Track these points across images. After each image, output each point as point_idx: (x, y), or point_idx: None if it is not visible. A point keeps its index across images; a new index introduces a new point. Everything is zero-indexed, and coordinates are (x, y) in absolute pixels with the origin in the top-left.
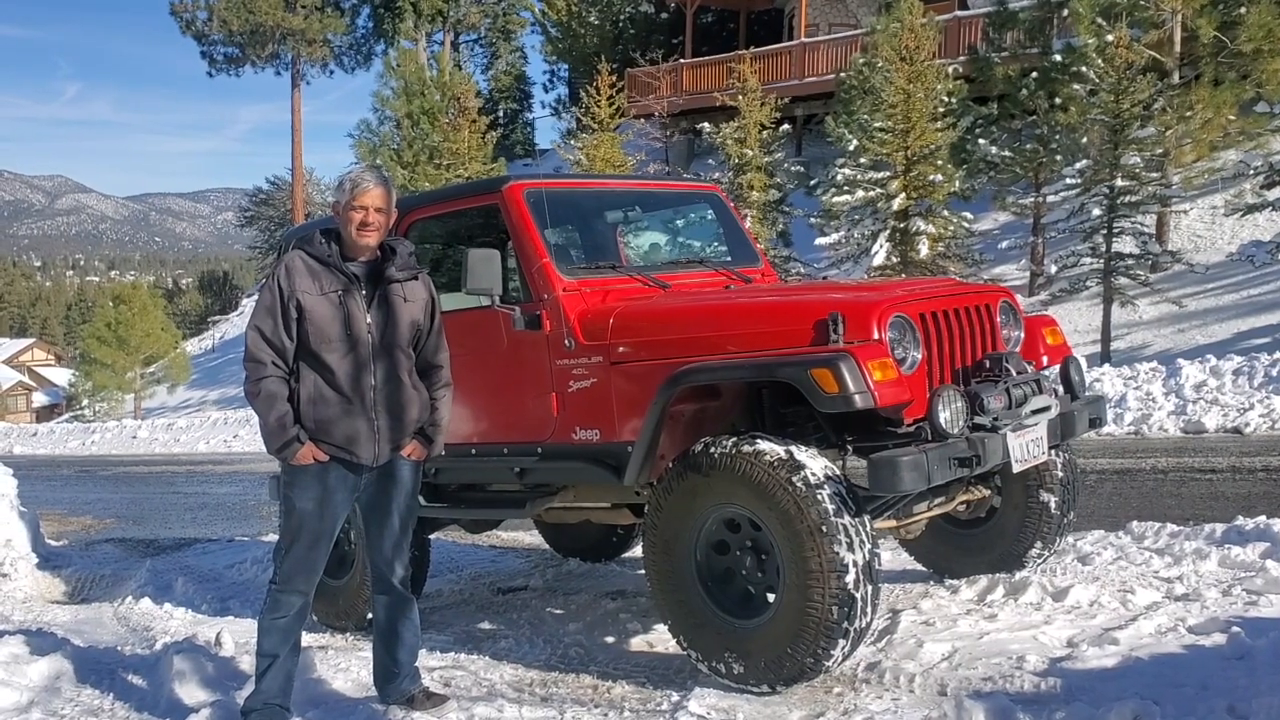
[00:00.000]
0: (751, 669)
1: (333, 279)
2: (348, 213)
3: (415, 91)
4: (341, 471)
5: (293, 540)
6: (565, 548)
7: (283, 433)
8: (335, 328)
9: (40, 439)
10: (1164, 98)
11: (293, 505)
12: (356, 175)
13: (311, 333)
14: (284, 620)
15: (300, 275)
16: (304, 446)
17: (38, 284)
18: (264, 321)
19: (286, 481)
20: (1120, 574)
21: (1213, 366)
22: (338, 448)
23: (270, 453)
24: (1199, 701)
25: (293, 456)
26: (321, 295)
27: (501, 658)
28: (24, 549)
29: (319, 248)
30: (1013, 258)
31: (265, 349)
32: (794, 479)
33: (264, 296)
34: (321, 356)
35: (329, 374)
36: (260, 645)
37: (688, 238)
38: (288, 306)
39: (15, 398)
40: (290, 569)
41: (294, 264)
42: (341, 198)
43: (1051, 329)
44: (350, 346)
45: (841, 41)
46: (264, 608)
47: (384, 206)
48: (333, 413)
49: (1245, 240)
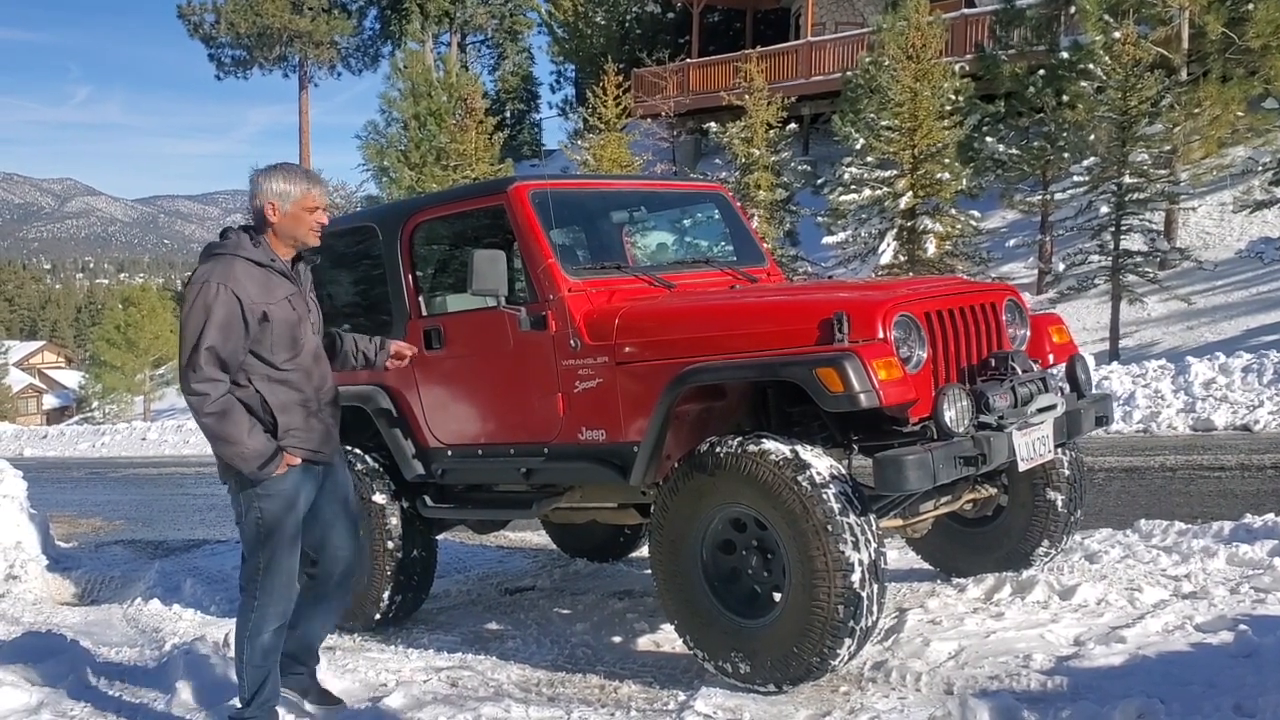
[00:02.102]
0: (758, 668)
1: (280, 283)
2: (300, 212)
3: (422, 93)
4: (309, 473)
5: (276, 551)
6: (572, 548)
7: (266, 448)
8: (300, 331)
9: (50, 441)
10: (1172, 94)
11: (270, 518)
12: (303, 174)
13: (277, 342)
14: (274, 634)
15: (253, 284)
16: (284, 455)
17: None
18: (214, 338)
19: (260, 494)
20: (1128, 572)
21: (1222, 364)
22: (310, 450)
23: (250, 472)
24: (1205, 700)
25: (275, 469)
26: (278, 302)
27: (509, 658)
28: (34, 551)
29: (257, 252)
30: (1020, 256)
31: (218, 369)
32: (799, 478)
33: (216, 312)
34: (279, 365)
35: (293, 381)
36: (252, 659)
37: (694, 238)
38: (248, 320)
39: (26, 400)
40: (274, 583)
41: (240, 274)
42: (293, 194)
43: (1057, 327)
44: (303, 348)
45: (848, 40)
46: (248, 623)
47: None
48: (298, 418)
49: (1254, 237)
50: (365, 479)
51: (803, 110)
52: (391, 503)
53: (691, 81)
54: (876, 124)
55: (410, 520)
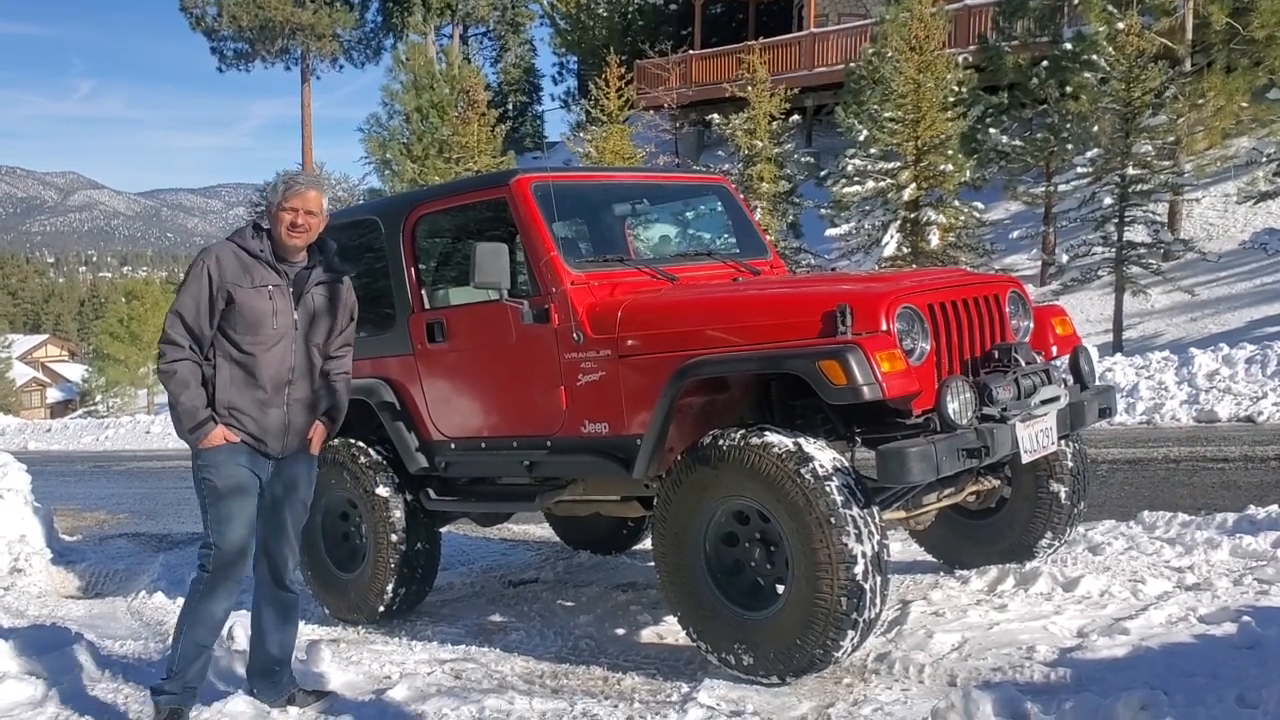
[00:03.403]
0: (761, 660)
1: (265, 274)
2: (278, 213)
3: (424, 85)
4: (253, 454)
5: (221, 524)
6: (575, 540)
7: (195, 414)
8: (264, 322)
9: (54, 435)
10: (1176, 85)
11: (216, 488)
12: (290, 177)
13: (239, 324)
14: (222, 610)
15: (232, 267)
16: (216, 428)
17: (51, 280)
18: (187, 308)
19: (203, 466)
20: (1131, 564)
21: (1225, 355)
22: (248, 434)
23: (181, 434)
24: (1209, 691)
25: (204, 438)
26: (253, 289)
27: (513, 650)
28: (38, 544)
29: (250, 242)
30: (1024, 247)
31: (183, 334)
32: (802, 471)
33: (190, 284)
34: (246, 348)
35: (250, 366)
36: (193, 633)
37: (696, 230)
38: (215, 297)
39: (29, 394)
40: (223, 553)
41: (225, 255)
42: (273, 198)
43: (1060, 319)
44: (274, 341)
45: (851, 31)
46: (196, 595)
47: (315, 210)
48: (247, 403)
49: (1258, 228)
50: (369, 472)
51: (806, 102)
52: (395, 496)
53: (694, 73)
54: (880, 115)
55: (414, 513)
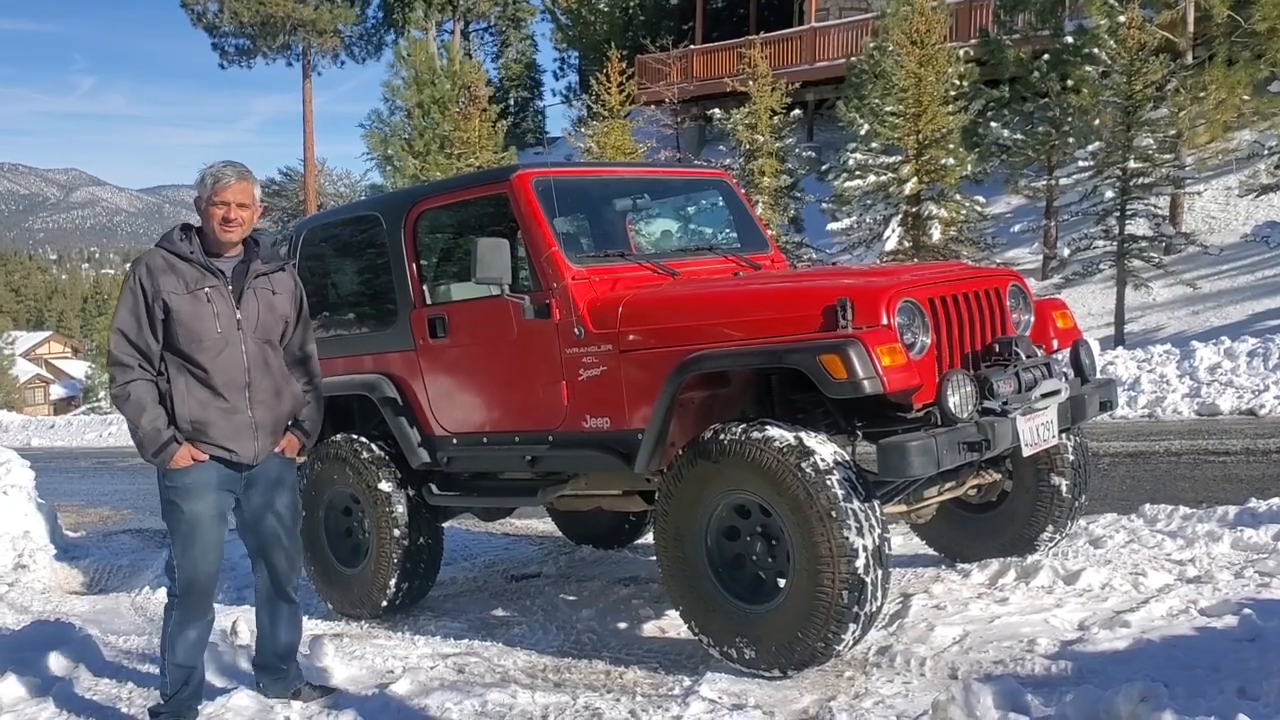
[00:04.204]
0: (763, 654)
1: (198, 276)
2: (209, 209)
3: (426, 81)
4: (223, 470)
5: (187, 546)
6: (577, 535)
7: (158, 436)
8: (205, 325)
9: (57, 431)
10: (1177, 78)
11: (181, 511)
12: (216, 170)
13: (181, 333)
14: (196, 631)
15: (163, 274)
16: (181, 448)
17: (54, 277)
18: (127, 324)
19: (170, 487)
20: (1132, 557)
21: (1227, 348)
22: (217, 447)
23: (146, 459)
24: (1209, 683)
25: (170, 459)
26: (188, 294)
27: (515, 644)
28: (42, 540)
29: (180, 245)
30: (1025, 241)
31: (130, 352)
32: (803, 465)
33: (125, 298)
34: (193, 356)
35: (202, 373)
36: (174, 657)
37: (697, 225)
38: (152, 307)
39: (33, 390)
40: (191, 577)
41: (155, 263)
42: (202, 193)
43: (1061, 312)
44: (222, 344)
45: (852, 26)
46: (170, 621)
47: (247, 201)
48: (209, 413)
49: (1260, 221)
50: (371, 467)
51: (807, 96)
52: (397, 491)
53: (695, 68)
54: (881, 110)
55: (416, 508)
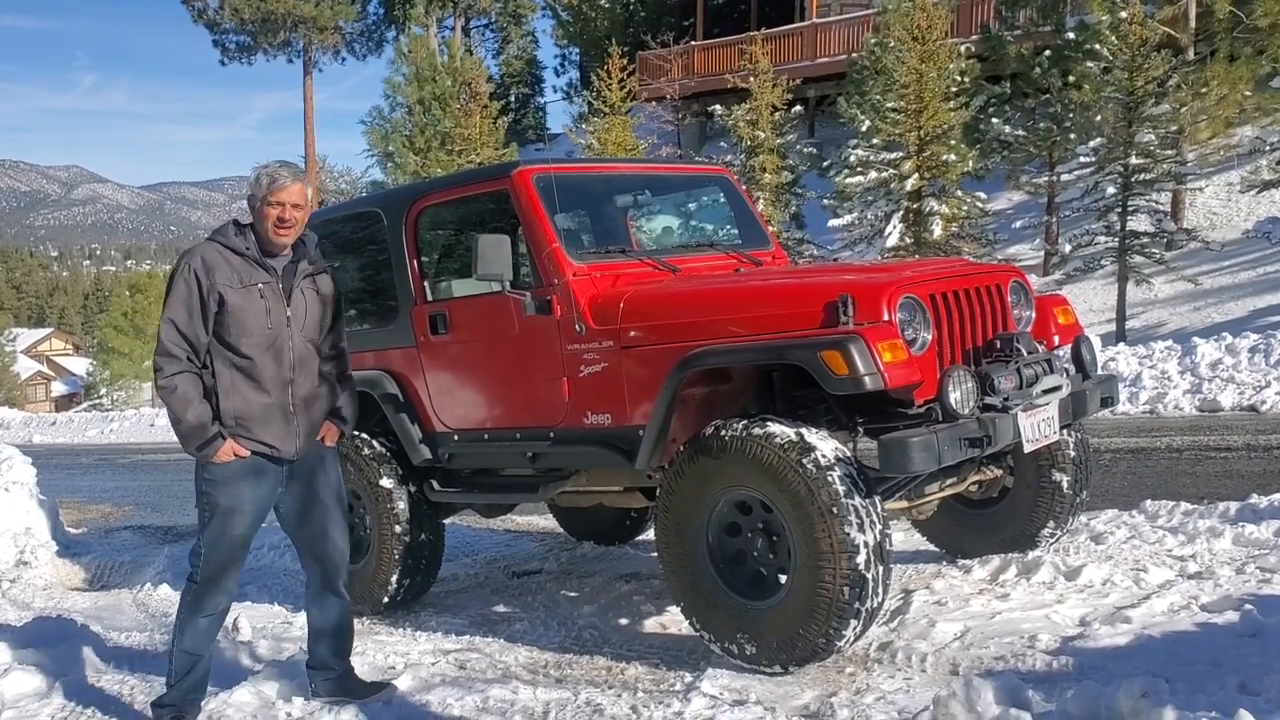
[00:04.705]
0: (764, 649)
1: (252, 272)
2: (264, 209)
3: (426, 77)
4: (263, 465)
5: (217, 537)
6: (579, 531)
7: (203, 431)
8: (256, 321)
9: (59, 428)
10: (1179, 74)
11: (216, 503)
12: (273, 170)
13: (231, 327)
14: (208, 620)
15: (219, 268)
16: (225, 443)
17: (55, 274)
18: (179, 314)
19: (208, 479)
20: (1133, 553)
21: (1228, 344)
22: (259, 443)
23: (189, 451)
24: (1210, 679)
25: (214, 454)
26: (243, 288)
27: (516, 640)
28: (44, 537)
29: (234, 239)
30: (1027, 237)
31: (179, 343)
32: (805, 461)
33: (179, 288)
34: (241, 350)
35: (248, 368)
36: (182, 643)
37: (698, 221)
38: (206, 300)
39: (34, 387)
40: (215, 568)
41: (211, 256)
42: (257, 192)
43: (1063, 308)
44: (271, 340)
45: (853, 21)
46: (185, 606)
47: (301, 203)
48: (253, 408)
49: (1261, 217)
50: (372, 464)
51: (808, 92)
52: (399, 487)
53: (696, 64)
54: (882, 106)
55: (418, 504)
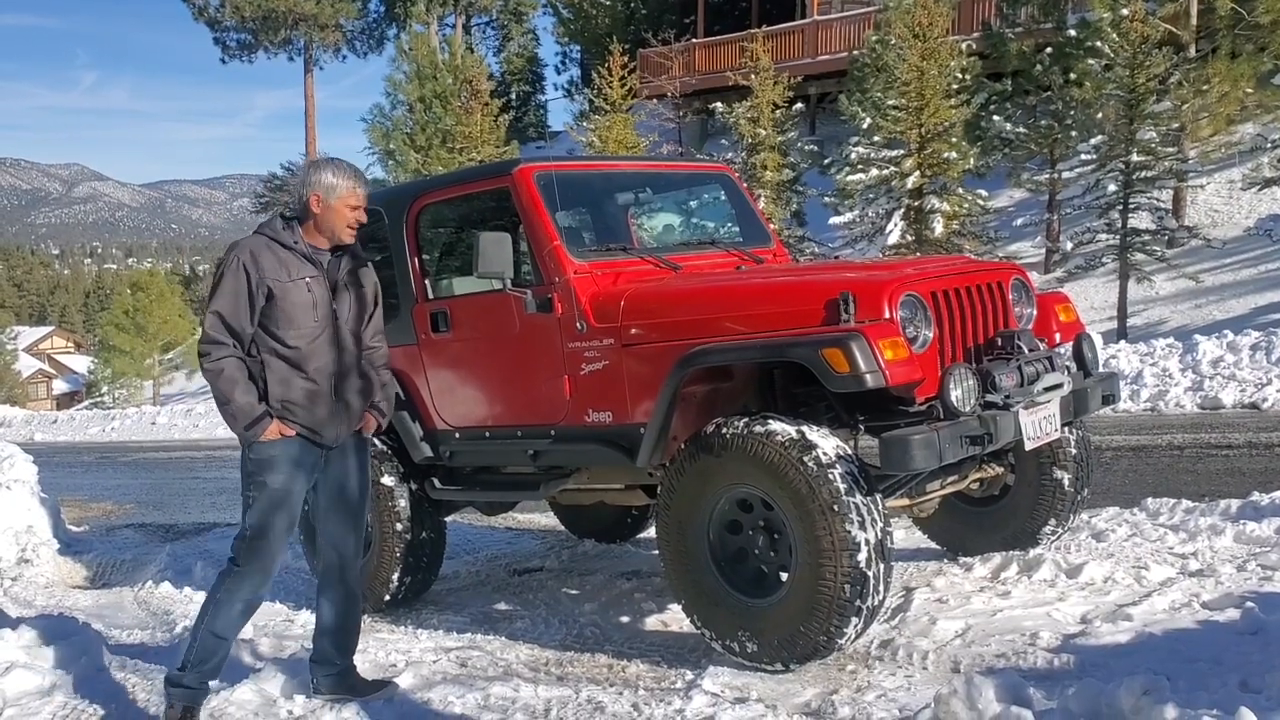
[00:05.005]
0: (765, 647)
1: (301, 265)
2: (339, 207)
3: (427, 75)
4: (307, 447)
5: (265, 520)
6: (580, 529)
7: (251, 410)
8: (304, 313)
9: (60, 426)
10: (1180, 71)
11: (264, 484)
12: (353, 173)
13: (279, 318)
14: (243, 605)
15: (267, 261)
16: (272, 422)
17: (56, 272)
18: (226, 305)
19: (255, 460)
20: (1135, 550)
21: (1230, 342)
22: (303, 426)
23: (237, 431)
24: (1212, 676)
25: (261, 433)
26: (291, 281)
27: (518, 638)
28: (45, 535)
29: (283, 233)
30: (1028, 235)
31: (224, 332)
32: (806, 459)
33: (227, 281)
34: (287, 341)
35: (295, 358)
36: (212, 624)
37: (699, 219)
38: (255, 293)
39: (36, 385)
40: (259, 551)
41: (260, 249)
42: (331, 190)
43: (1064, 306)
44: (318, 332)
45: (854, 19)
46: (223, 589)
47: (364, 205)
48: (299, 396)
49: (1263, 214)
50: (374, 461)
51: (809, 90)
52: (400, 485)
53: (697, 62)
54: (883, 103)
55: (419, 502)
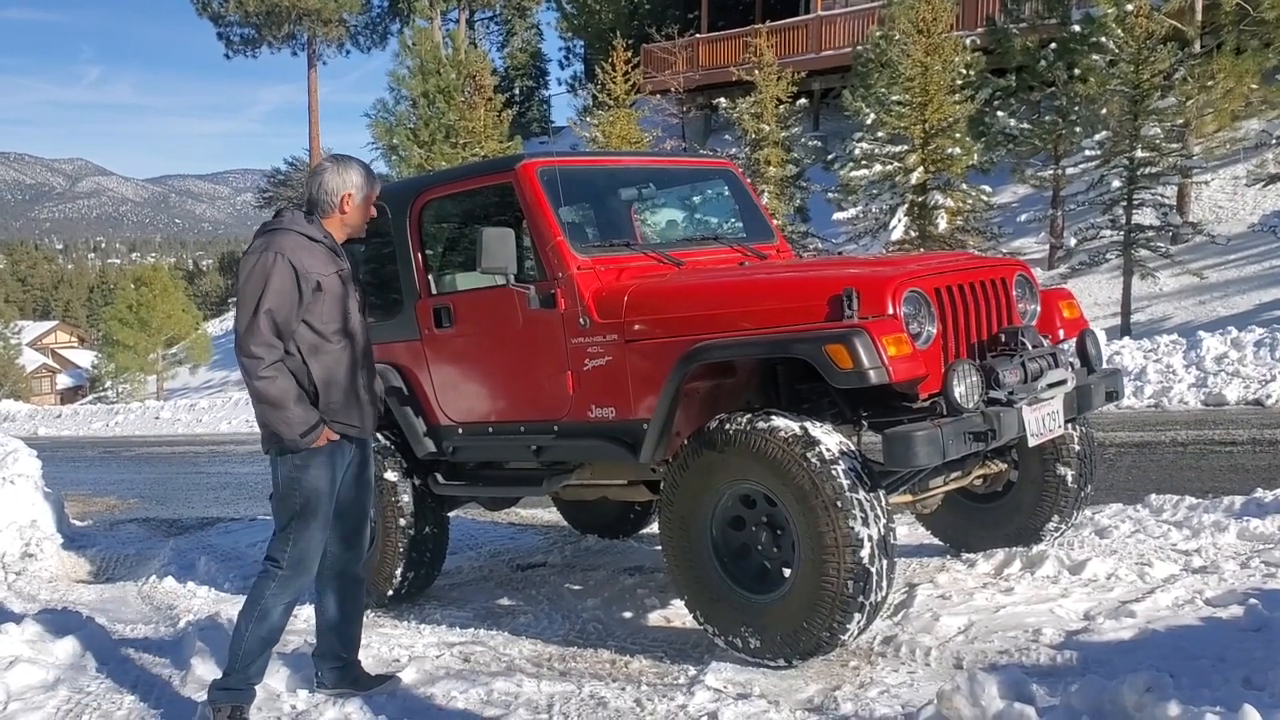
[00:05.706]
0: (768, 643)
1: (330, 259)
2: (364, 204)
3: (431, 70)
4: (344, 447)
5: (307, 522)
6: (583, 524)
7: (309, 417)
8: (346, 306)
9: (64, 421)
10: (1185, 67)
11: (307, 488)
12: (371, 171)
13: (325, 313)
14: (287, 605)
15: (308, 255)
16: (324, 428)
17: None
18: (276, 303)
19: (300, 465)
20: (1138, 547)
21: (1234, 338)
22: (346, 425)
23: (291, 439)
24: (1215, 673)
25: (315, 440)
26: (330, 275)
27: (520, 633)
28: (49, 529)
29: (314, 229)
30: (1032, 231)
31: (274, 334)
32: (809, 455)
33: (273, 279)
34: (330, 335)
35: (336, 353)
36: (259, 629)
37: (703, 214)
38: (304, 288)
39: (39, 380)
40: (303, 551)
41: (300, 246)
42: (358, 187)
43: (1068, 302)
44: (350, 326)
45: (858, 14)
46: (269, 593)
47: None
48: (341, 393)
49: (1267, 211)
50: (377, 457)
51: (813, 85)
52: (403, 480)
53: (701, 57)
54: (887, 99)
55: (422, 498)
